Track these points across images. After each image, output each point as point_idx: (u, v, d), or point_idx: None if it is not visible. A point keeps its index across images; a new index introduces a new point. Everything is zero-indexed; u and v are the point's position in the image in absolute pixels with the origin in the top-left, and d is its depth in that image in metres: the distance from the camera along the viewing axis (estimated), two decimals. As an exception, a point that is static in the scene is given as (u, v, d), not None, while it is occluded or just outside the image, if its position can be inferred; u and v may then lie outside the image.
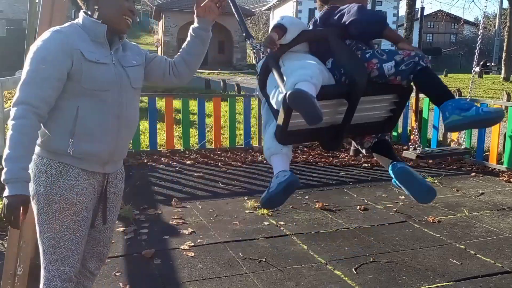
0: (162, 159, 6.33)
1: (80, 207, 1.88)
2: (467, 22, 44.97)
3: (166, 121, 6.82)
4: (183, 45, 2.15)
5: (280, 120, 1.94)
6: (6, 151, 1.68)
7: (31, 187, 1.83)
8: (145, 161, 6.25)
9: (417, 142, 5.70)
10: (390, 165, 2.14)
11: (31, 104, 1.71)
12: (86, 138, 1.82)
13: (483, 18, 5.46)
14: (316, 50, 2.16)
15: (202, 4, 2.06)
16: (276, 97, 2.03)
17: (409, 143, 5.83)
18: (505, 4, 27.28)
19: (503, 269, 3.25)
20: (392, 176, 2.13)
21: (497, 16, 34.70)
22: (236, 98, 8.25)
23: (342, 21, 2.06)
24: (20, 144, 1.69)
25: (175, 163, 6.22)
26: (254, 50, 2.28)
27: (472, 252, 3.55)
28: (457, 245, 3.69)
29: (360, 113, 2.09)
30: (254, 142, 7.33)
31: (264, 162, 6.46)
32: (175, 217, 4.21)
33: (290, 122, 1.92)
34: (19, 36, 15.27)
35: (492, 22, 35.63)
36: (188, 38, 2.13)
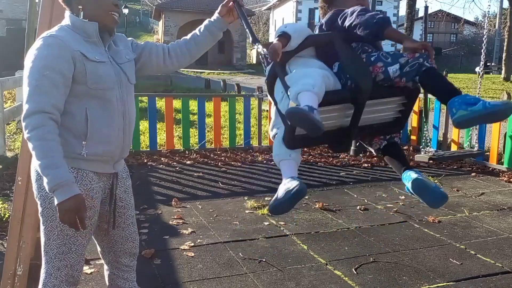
0: (162, 159, 6.33)
1: (94, 211, 1.89)
2: (467, 22, 44.98)
3: (166, 121, 6.82)
4: (191, 36, 2.14)
5: (287, 126, 1.96)
6: (38, 163, 1.68)
7: (40, 194, 1.83)
8: (145, 161, 6.25)
9: (428, 144, 5.69)
10: (403, 174, 2.17)
11: (45, 111, 1.69)
12: (98, 139, 1.83)
13: (487, 19, 5.47)
14: (322, 54, 2.16)
15: (229, 4, 2.09)
16: (283, 103, 2.04)
17: (420, 146, 5.82)
18: (505, 4, 27.27)
19: (503, 269, 3.25)
20: (406, 185, 2.16)
21: (497, 16, 34.70)
22: (236, 98, 8.25)
23: (344, 25, 2.07)
24: (51, 151, 1.68)
25: (175, 163, 6.22)
26: (261, 56, 2.26)
27: (472, 252, 3.54)
28: (457, 245, 3.68)
29: (367, 115, 2.10)
30: (254, 142, 7.32)
31: (264, 162, 6.46)
32: (175, 217, 4.21)
33: (296, 128, 1.94)
34: (19, 36, 15.27)
35: (492, 22, 35.61)
36: (202, 31, 2.13)
